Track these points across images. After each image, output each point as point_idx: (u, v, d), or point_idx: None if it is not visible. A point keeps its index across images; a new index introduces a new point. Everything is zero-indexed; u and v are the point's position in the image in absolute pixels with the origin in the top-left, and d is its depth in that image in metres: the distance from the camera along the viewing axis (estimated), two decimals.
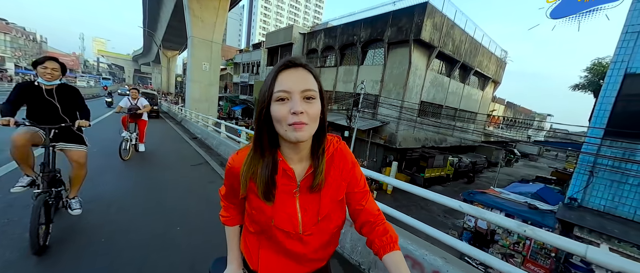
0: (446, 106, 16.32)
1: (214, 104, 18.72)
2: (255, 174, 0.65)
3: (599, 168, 5.79)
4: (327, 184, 0.71)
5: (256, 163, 0.65)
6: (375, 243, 0.72)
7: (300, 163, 0.69)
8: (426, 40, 12.31)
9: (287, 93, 0.59)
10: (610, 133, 5.66)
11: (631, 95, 5.50)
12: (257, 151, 0.66)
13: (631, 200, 5.38)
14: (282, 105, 0.59)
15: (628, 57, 5.48)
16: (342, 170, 0.74)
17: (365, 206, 0.76)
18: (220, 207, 0.86)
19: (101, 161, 4.29)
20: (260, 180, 0.65)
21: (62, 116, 2.19)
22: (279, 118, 0.59)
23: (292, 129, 0.59)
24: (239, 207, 0.82)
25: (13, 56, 46.48)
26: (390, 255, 0.69)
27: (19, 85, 2.13)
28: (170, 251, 2.14)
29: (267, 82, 0.61)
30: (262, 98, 0.61)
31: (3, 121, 1.83)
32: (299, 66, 0.62)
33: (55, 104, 2.15)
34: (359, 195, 0.77)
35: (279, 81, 0.59)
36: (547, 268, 6.21)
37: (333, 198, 0.73)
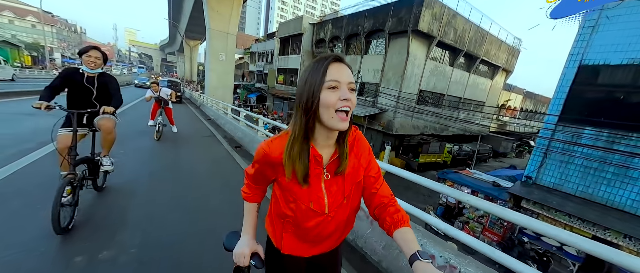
0: (448, 95, 16.63)
1: (229, 91, 20.44)
2: (296, 159, 0.71)
3: (552, 151, 6.48)
4: (348, 168, 0.78)
5: (298, 149, 0.71)
6: (387, 220, 0.76)
7: (327, 149, 0.76)
8: (424, 30, 12.76)
9: (337, 82, 0.67)
10: (563, 118, 6.29)
11: (583, 84, 6.06)
12: (303, 138, 0.71)
13: (575, 178, 6.09)
14: (333, 93, 0.67)
15: (583, 50, 6.00)
16: (360, 156, 0.81)
17: (379, 190, 0.82)
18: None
19: (136, 139, 5.90)
20: (300, 165, 0.71)
21: (94, 102, 2.33)
22: (328, 104, 0.66)
23: (338, 119, 0.67)
24: (261, 189, 0.89)
25: (59, 47, 51.88)
26: (400, 230, 0.72)
27: (64, 70, 2.29)
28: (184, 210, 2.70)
29: (317, 73, 0.67)
30: (311, 86, 0.67)
31: (35, 105, 1.96)
32: (343, 62, 0.70)
33: (91, 90, 2.30)
34: (373, 179, 0.83)
35: (330, 72, 0.67)
36: (500, 235, 7.12)
37: (353, 180, 0.80)
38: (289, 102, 23.21)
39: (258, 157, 0.78)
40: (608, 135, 5.67)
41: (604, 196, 5.68)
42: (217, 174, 3.93)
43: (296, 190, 0.76)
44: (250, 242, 0.87)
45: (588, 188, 5.91)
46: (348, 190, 0.80)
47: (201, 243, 2.09)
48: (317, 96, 0.67)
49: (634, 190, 5.31)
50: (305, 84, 0.68)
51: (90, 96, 2.31)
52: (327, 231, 0.82)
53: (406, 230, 0.72)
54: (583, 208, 5.71)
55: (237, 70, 42.77)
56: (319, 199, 0.77)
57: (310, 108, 0.68)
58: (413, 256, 0.64)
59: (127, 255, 1.86)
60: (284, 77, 24.84)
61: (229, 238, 0.90)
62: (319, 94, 0.67)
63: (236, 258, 0.85)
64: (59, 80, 2.19)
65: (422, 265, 0.61)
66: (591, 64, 5.94)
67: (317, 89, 0.66)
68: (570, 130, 6.19)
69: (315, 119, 0.70)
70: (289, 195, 0.78)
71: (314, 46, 20.81)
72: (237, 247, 0.86)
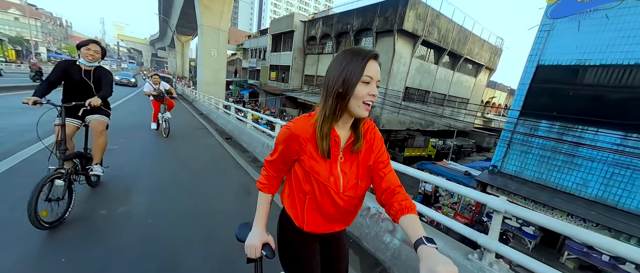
0: (433, 91, 17.39)
1: (222, 87, 20.68)
2: (324, 137, 0.79)
3: (514, 142, 7.21)
4: (361, 151, 0.87)
5: (326, 129, 0.79)
6: (394, 206, 0.80)
7: (344, 131, 0.85)
8: (409, 30, 13.38)
9: (371, 78, 0.75)
10: (524, 113, 7.02)
11: (540, 82, 6.78)
12: (331, 119, 0.79)
13: (532, 166, 6.85)
14: (365, 87, 0.75)
15: (540, 51, 6.71)
16: (372, 142, 0.90)
17: (387, 175, 0.88)
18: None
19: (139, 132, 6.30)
20: (326, 143, 0.80)
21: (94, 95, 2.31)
22: (359, 96, 0.75)
23: (363, 108, 0.76)
24: (279, 178, 0.95)
25: (45, 41, 50.41)
26: (407, 217, 0.76)
27: (60, 63, 2.23)
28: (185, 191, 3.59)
29: (356, 66, 0.73)
30: (349, 78, 0.74)
31: (25, 100, 1.95)
32: (377, 58, 0.77)
33: (89, 84, 2.30)
34: (382, 165, 0.89)
35: (368, 68, 0.74)
36: (469, 218, 7.88)
37: (365, 163, 0.89)
38: (280, 98, 23.60)
39: (283, 138, 0.84)
40: (559, 127, 6.42)
41: (554, 181, 6.45)
42: (209, 160, 4.44)
43: (317, 168, 0.83)
44: (262, 233, 0.92)
45: (542, 174, 6.67)
46: (361, 172, 0.88)
47: (194, 209, 2.63)
48: (353, 88, 0.74)
49: (578, 175, 6.09)
50: (342, 73, 0.74)
51: (88, 90, 2.31)
52: (342, 208, 0.89)
53: (413, 216, 0.76)
54: (536, 191, 6.48)
55: (230, 66, 42.67)
56: (335, 178, 0.85)
57: (344, 95, 0.75)
58: (418, 240, 0.66)
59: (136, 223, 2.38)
60: (276, 73, 25.16)
61: (240, 230, 0.95)
62: (355, 86, 0.74)
63: (248, 250, 0.89)
64: (56, 73, 2.17)
65: (427, 249, 0.63)
66: (546, 64, 6.66)
67: (354, 82, 0.74)
68: (529, 124, 6.93)
69: (343, 105, 0.77)
70: (310, 172, 0.84)
71: (305, 43, 21.21)
72: (248, 239, 0.90)
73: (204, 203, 2.76)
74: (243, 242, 0.90)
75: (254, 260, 0.89)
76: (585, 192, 6.00)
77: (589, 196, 5.93)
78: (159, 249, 1.90)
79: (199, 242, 2.04)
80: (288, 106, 23.28)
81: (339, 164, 0.85)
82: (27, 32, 39.64)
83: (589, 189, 5.95)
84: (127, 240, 1.97)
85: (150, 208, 2.50)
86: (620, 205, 5.55)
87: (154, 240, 2.00)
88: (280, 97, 23.49)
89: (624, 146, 5.48)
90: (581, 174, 6.06)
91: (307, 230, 0.91)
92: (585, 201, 5.92)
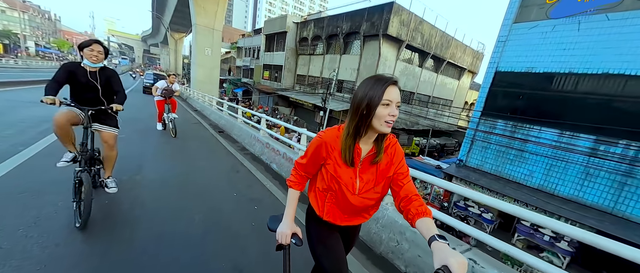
0: (418, 93, 18.39)
1: (215, 85, 21.19)
2: (346, 149, 0.95)
3: (476, 139, 8.17)
4: (382, 163, 1.01)
5: (349, 142, 0.95)
6: (411, 211, 0.89)
7: (366, 145, 0.99)
8: (394, 35, 14.29)
9: (390, 101, 0.87)
10: (485, 114, 7.97)
11: (498, 86, 7.74)
12: (354, 135, 0.94)
13: (490, 160, 7.81)
14: (385, 108, 0.87)
15: (498, 59, 7.67)
16: (393, 156, 1.02)
17: (405, 185, 0.99)
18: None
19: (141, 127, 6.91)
20: (349, 153, 0.96)
21: (101, 98, 2.30)
22: (380, 117, 0.87)
23: (385, 126, 0.89)
24: (307, 178, 1.13)
25: (33, 35, 49.39)
26: (422, 220, 0.84)
27: (65, 65, 2.20)
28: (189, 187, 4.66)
29: (376, 91, 0.86)
30: (371, 101, 0.87)
31: (48, 100, 1.93)
32: (396, 85, 0.89)
33: (96, 86, 2.25)
34: (402, 176, 1.01)
35: (387, 93, 0.86)
36: (438, 207, 8.82)
37: (384, 175, 1.02)
38: (273, 97, 24.24)
39: (316, 143, 1.01)
40: (511, 126, 7.39)
41: (507, 173, 7.43)
42: (203, 149, 5.15)
43: (340, 172, 1.00)
44: (291, 224, 1.06)
45: (498, 167, 7.64)
46: (379, 181, 1.02)
47: (197, 183, 3.37)
48: (374, 110, 0.87)
49: (526, 167, 7.07)
50: (365, 97, 0.88)
51: (96, 92, 2.27)
52: (357, 207, 1.05)
53: (427, 219, 0.84)
54: (492, 182, 7.44)
55: (224, 64, 42.89)
56: (353, 182, 1.01)
57: (366, 116, 0.88)
58: (431, 238, 0.74)
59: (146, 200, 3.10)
60: (270, 73, 25.77)
61: (271, 221, 1.09)
62: (376, 109, 0.87)
63: (279, 237, 1.01)
64: (61, 74, 2.13)
65: (438, 244, 0.70)
66: (503, 70, 7.62)
67: (375, 105, 0.86)
68: (489, 123, 7.89)
69: (367, 123, 0.90)
70: (333, 174, 1.00)
71: (297, 44, 21.92)
72: (280, 228, 1.04)
73: (204, 178, 3.50)
74: (274, 231, 1.04)
75: (283, 248, 1.01)
76: (531, 182, 6.99)
77: (534, 185, 6.92)
78: (171, 211, 2.61)
79: (200, 204, 2.77)
80: (280, 105, 23.94)
81: (358, 171, 1.00)
82: (14, 25, 38.91)
83: (534, 179, 6.94)
84: (149, 204, 2.65)
85: (163, 183, 3.23)
86: (557, 192, 6.54)
87: (166, 205, 2.68)
88: (273, 96, 24.13)
89: (560, 143, 6.47)
90: (528, 166, 7.04)
91: (326, 219, 1.08)
92: (531, 189, 6.91)
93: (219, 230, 2.33)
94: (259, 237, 2.28)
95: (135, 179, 3.14)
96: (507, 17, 7.55)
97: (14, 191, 2.45)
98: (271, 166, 4.38)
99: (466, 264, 0.63)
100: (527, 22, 7.12)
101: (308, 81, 21.09)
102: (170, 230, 2.24)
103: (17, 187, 2.52)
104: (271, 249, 1.92)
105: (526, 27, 7.13)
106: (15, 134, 4.12)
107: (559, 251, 6.43)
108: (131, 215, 2.39)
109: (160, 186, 3.08)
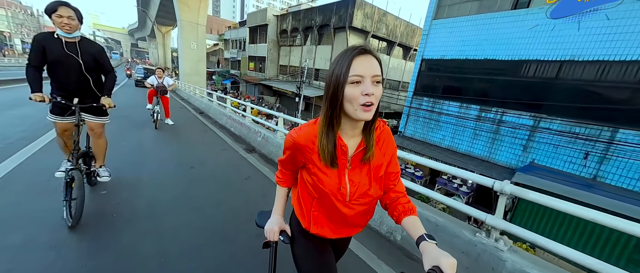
0: (388, 78, 20.26)
1: (202, 77, 22.70)
2: (324, 148, 0.76)
3: (410, 114, 10.20)
4: (373, 162, 0.83)
5: (326, 140, 0.75)
6: (397, 209, 0.84)
7: (353, 139, 0.80)
8: (359, 27, 15.98)
9: (360, 77, 0.67)
10: (416, 93, 9.96)
11: (424, 71, 9.69)
12: (328, 127, 0.75)
13: (420, 129, 9.88)
14: (356, 87, 0.67)
15: (423, 49, 9.58)
16: (384, 153, 0.85)
17: (397, 186, 0.89)
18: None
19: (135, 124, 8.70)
20: (328, 152, 0.76)
21: (86, 75, 2.02)
22: (351, 99, 0.68)
23: (361, 110, 0.68)
24: (293, 174, 0.97)
25: (18, 32, 49.10)
26: (409, 218, 0.80)
27: (36, 37, 1.87)
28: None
29: (341, 68, 0.68)
30: (336, 81, 0.68)
31: (37, 98, 1.80)
32: (369, 53, 0.69)
33: (77, 60, 1.95)
34: (393, 176, 0.88)
35: (354, 67, 0.67)
36: None
37: (376, 175, 0.84)
38: (259, 87, 25.86)
39: (288, 145, 0.84)
40: (432, 102, 9.42)
41: (431, 139, 9.52)
42: (188, 126, 7.01)
43: (322, 177, 0.81)
44: (280, 220, 0.97)
45: (424, 134, 9.73)
46: (370, 183, 0.84)
47: (183, 152, 5.29)
48: (342, 91, 0.69)
49: (440, 134, 9.16)
50: (331, 78, 0.70)
51: (78, 67, 1.98)
52: (349, 217, 0.87)
53: (414, 217, 0.80)
54: (422, 147, 9.54)
55: (213, 56, 43.72)
56: (343, 188, 0.82)
57: (335, 101, 0.71)
58: (420, 237, 0.71)
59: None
60: (255, 64, 27.22)
61: (259, 216, 1.05)
62: (343, 90, 0.68)
63: (267, 233, 0.96)
64: (34, 53, 1.87)
65: (428, 244, 0.68)
66: (427, 58, 9.55)
67: (341, 85, 0.68)
68: (418, 100, 9.90)
69: (341, 111, 0.72)
70: (317, 181, 0.83)
71: (278, 36, 23.37)
72: (268, 224, 0.97)
73: (189, 147, 5.28)
74: (262, 227, 0.99)
75: (270, 245, 0.96)
76: (443, 144, 9.11)
77: (445, 146, 9.04)
78: (169, 175, 4.49)
79: (186, 163, 4.61)
80: (266, 94, 25.61)
81: (347, 173, 0.82)
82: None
83: (446, 141, 9.05)
84: (146, 167, 4.55)
85: (155, 152, 5.12)
86: (460, 150, 8.67)
87: (167, 171, 4.04)
88: (258, 86, 25.74)
89: (460, 113, 8.53)
90: (442, 132, 9.14)
91: (314, 233, 0.91)
92: (443, 149, 9.03)
93: (203, 171, 4.27)
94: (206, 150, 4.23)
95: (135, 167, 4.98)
96: (428, 14, 9.40)
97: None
98: (230, 129, 6.38)
99: (456, 264, 0.63)
100: (441, 19, 9.00)
101: (289, 70, 22.73)
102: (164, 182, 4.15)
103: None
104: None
105: (440, 23, 9.02)
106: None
107: (461, 193, 8.64)
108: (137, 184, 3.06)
109: (158, 159, 4.97)
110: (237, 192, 3.05)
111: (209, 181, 3.24)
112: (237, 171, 3.75)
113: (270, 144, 4.50)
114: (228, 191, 3.04)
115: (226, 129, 6.53)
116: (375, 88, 0.69)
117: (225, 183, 3.26)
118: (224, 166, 3.93)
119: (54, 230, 1.90)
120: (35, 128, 4.39)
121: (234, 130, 6.29)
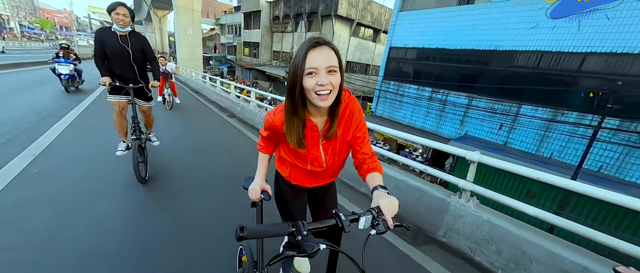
0: (374, 65, 21.45)
1: (199, 62, 23.76)
2: (291, 129, 0.87)
3: (381, 96, 11.66)
4: (340, 131, 0.96)
5: (291, 123, 0.87)
6: (363, 168, 0.95)
7: (321, 118, 0.92)
8: (344, 15, 17.01)
9: (315, 69, 0.75)
10: (385, 77, 11.37)
11: (392, 57, 11.04)
12: (292, 113, 0.86)
13: (388, 109, 11.39)
14: (312, 78, 0.76)
15: (391, 37, 10.89)
16: (351, 119, 0.96)
17: (363, 148, 0.99)
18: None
19: None
20: (295, 135, 0.88)
21: (132, 63, 2.45)
22: (309, 89, 0.77)
23: (318, 98, 0.78)
24: (273, 144, 1.11)
25: (16, 15, 49.12)
26: (371, 174, 0.91)
27: (97, 33, 2.33)
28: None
29: (298, 60, 0.76)
30: (294, 73, 0.78)
31: (106, 81, 2.30)
32: (324, 44, 0.76)
33: (127, 50, 2.36)
34: (360, 139, 0.99)
35: (309, 60, 0.75)
36: None
37: (344, 140, 0.99)
38: (253, 72, 26.99)
39: (266, 125, 0.98)
40: (397, 86, 10.85)
41: (396, 117, 11.06)
42: (186, 101, 8.50)
43: (298, 151, 0.98)
44: (261, 182, 1.10)
45: (392, 114, 11.25)
46: (340, 148, 1.01)
47: (192, 123, 6.80)
48: (300, 82, 0.77)
49: (402, 112, 10.68)
50: (292, 66, 0.79)
51: (128, 57, 2.38)
52: (324, 175, 1.11)
53: (376, 174, 0.91)
54: (389, 124, 11.07)
55: (210, 42, 44.12)
56: (317, 157, 1.00)
57: (295, 91, 0.80)
58: (374, 187, 0.83)
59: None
60: (249, 49, 28.17)
61: (246, 181, 1.18)
62: (301, 81, 0.77)
63: (250, 194, 1.09)
64: (99, 45, 2.29)
65: (377, 192, 0.80)
66: (394, 46, 10.88)
67: (299, 76, 0.77)
68: (386, 84, 11.33)
69: (305, 98, 0.83)
70: (294, 153, 1.02)
71: (271, 22, 24.22)
72: (251, 186, 1.11)
73: (191, 116, 6.87)
74: (247, 189, 1.13)
75: (256, 205, 1.12)
76: (404, 121, 10.65)
77: (406, 123, 10.59)
78: (182, 138, 6.01)
79: (185, 123, 6.17)
80: (260, 79, 26.80)
81: (321, 145, 0.97)
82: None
83: (406, 119, 10.59)
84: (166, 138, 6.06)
85: (170, 126, 6.61)
86: (417, 126, 10.23)
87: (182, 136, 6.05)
88: (253, 71, 26.86)
89: (417, 94, 10.01)
90: (404, 112, 10.65)
91: (295, 183, 1.13)
92: (404, 126, 10.59)
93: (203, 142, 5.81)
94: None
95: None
96: (395, 6, 10.62)
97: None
98: (219, 103, 7.87)
99: (396, 203, 0.71)
100: (405, 11, 10.25)
101: (282, 56, 23.81)
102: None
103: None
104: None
105: (404, 15, 10.28)
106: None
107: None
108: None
109: (177, 129, 6.48)
110: (224, 142, 4.61)
111: (209, 137, 4.73)
112: (223, 129, 5.35)
113: (246, 111, 6.04)
114: (219, 142, 4.63)
115: (216, 104, 8.04)
116: (331, 77, 0.77)
117: (219, 137, 4.86)
118: (213, 125, 5.52)
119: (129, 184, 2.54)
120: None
121: (221, 103, 7.81)
